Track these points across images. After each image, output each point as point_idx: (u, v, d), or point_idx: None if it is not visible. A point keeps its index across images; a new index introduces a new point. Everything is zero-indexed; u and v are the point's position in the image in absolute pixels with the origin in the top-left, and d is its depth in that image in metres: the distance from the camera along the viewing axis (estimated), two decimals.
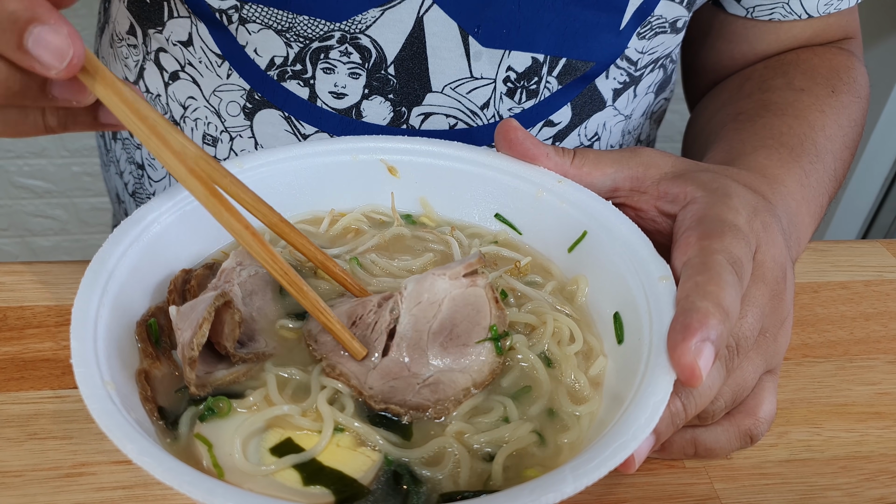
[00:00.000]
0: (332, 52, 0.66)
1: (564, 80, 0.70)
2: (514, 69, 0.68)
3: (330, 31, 0.65)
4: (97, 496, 0.49)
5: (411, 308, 0.48)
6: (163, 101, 0.77)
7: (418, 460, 0.42)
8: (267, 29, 0.66)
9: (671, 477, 0.53)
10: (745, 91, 0.75)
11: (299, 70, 0.68)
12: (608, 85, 0.73)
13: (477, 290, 0.49)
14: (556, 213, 0.55)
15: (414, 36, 0.65)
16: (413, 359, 0.46)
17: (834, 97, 0.71)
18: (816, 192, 0.62)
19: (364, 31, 0.65)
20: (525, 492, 0.35)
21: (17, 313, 0.62)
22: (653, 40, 0.71)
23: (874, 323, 0.68)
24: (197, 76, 0.73)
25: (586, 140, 0.77)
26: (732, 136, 0.67)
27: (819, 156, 0.64)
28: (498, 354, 0.46)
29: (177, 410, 0.44)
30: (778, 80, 0.73)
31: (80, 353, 0.40)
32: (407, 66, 0.67)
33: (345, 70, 0.67)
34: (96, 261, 0.46)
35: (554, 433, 0.44)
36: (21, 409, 0.54)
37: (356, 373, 0.46)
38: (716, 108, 0.77)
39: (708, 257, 0.45)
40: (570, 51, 0.68)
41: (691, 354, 0.40)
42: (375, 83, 0.68)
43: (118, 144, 0.87)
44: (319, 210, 0.59)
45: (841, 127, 0.69)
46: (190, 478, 0.35)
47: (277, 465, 0.41)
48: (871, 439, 0.57)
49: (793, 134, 0.65)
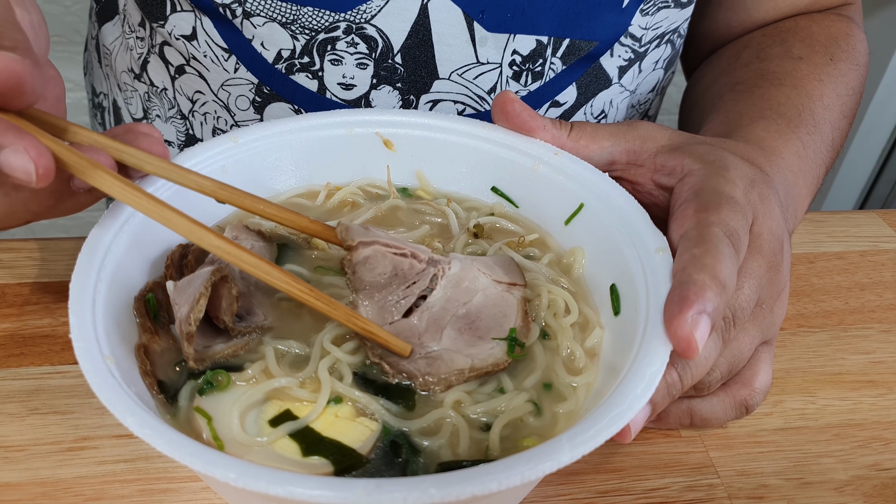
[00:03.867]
0: (339, 43, 0.66)
1: (569, 60, 0.70)
2: (519, 52, 0.68)
3: (335, 22, 0.65)
4: (99, 469, 0.50)
5: (448, 287, 0.48)
6: (169, 94, 0.77)
7: (417, 430, 0.43)
8: (272, 22, 0.65)
9: (667, 446, 0.54)
10: (743, 60, 0.74)
11: (307, 62, 0.68)
12: (613, 63, 0.73)
13: (509, 297, 0.49)
14: (552, 186, 0.55)
15: (419, 24, 0.65)
16: (428, 330, 0.47)
17: (832, 65, 0.70)
18: (813, 164, 0.62)
19: (369, 20, 0.65)
20: (522, 460, 0.35)
21: (15, 290, 0.62)
22: (656, 16, 0.70)
23: (869, 293, 0.69)
24: (203, 70, 0.73)
25: (593, 118, 0.77)
26: (730, 107, 0.67)
27: (817, 126, 0.64)
28: (508, 355, 0.46)
29: (176, 384, 0.44)
30: (776, 49, 0.73)
31: (79, 329, 0.40)
32: (413, 55, 0.67)
33: (352, 61, 0.67)
34: (93, 236, 0.46)
35: (550, 403, 0.45)
36: (22, 384, 0.55)
37: (372, 321, 0.46)
38: (713, 76, 0.77)
39: (704, 230, 0.45)
40: (573, 31, 0.68)
41: (688, 326, 0.41)
42: (383, 72, 0.68)
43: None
44: (315, 184, 0.59)
45: (839, 96, 0.69)
46: (191, 449, 0.35)
47: (275, 434, 0.41)
48: (865, 407, 0.58)
49: (791, 104, 0.64)
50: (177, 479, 0.50)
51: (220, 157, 0.54)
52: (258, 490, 0.34)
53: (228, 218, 0.56)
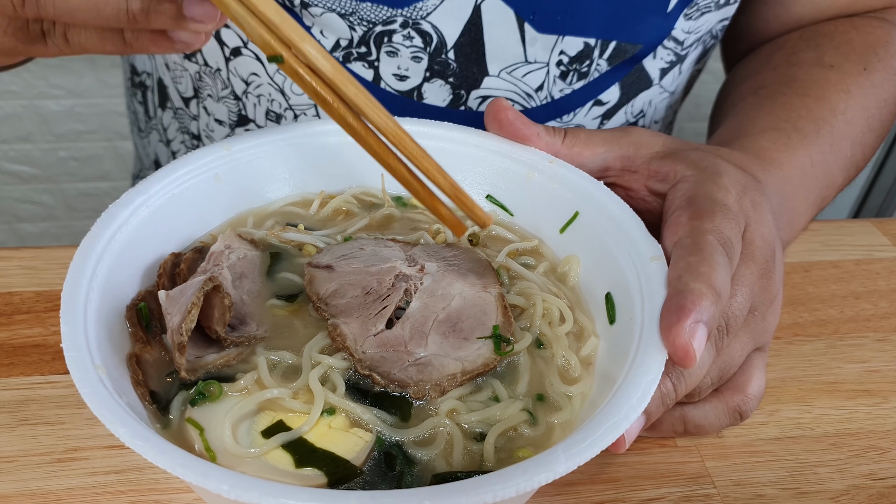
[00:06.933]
0: (395, 35, 0.67)
1: (614, 61, 0.71)
2: (567, 53, 0.69)
3: (392, 17, 0.66)
4: (90, 481, 0.49)
5: (423, 296, 0.49)
6: (223, 75, 0.76)
7: (411, 441, 0.42)
8: (330, 12, 0.66)
9: (663, 456, 0.54)
10: (773, 62, 0.73)
11: (364, 52, 0.69)
12: (655, 65, 0.74)
13: (487, 296, 0.50)
14: (547, 194, 0.55)
15: (472, 23, 0.66)
16: (413, 338, 0.47)
17: (864, 76, 0.69)
18: (821, 183, 0.62)
19: (425, 17, 0.65)
20: (518, 471, 0.35)
21: (4, 299, 0.62)
22: (699, 20, 0.71)
23: (864, 301, 0.69)
24: (260, 54, 0.72)
25: (632, 117, 0.78)
26: (747, 112, 0.66)
27: (834, 144, 0.63)
28: (496, 353, 0.46)
29: (168, 394, 0.44)
30: (808, 54, 0.72)
31: (70, 338, 0.40)
32: (465, 52, 0.68)
33: (408, 53, 0.68)
34: (85, 244, 0.46)
35: (545, 414, 0.44)
36: (12, 394, 0.54)
37: (355, 336, 0.46)
38: (742, 77, 0.76)
39: (699, 237, 0.45)
40: (619, 34, 0.68)
41: (685, 335, 0.41)
42: (437, 66, 0.69)
43: (168, 113, 0.86)
44: (309, 192, 0.59)
45: (866, 109, 0.68)
46: (183, 460, 0.35)
47: (268, 445, 0.41)
48: (860, 416, 0.58)
49: (811, 118, 0.64)
50: (168, 490, 0.49)
51: (214, 165, 0.54)
52: (251, 502, 0.33)
53: (221, 227, 0.55)
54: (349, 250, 0.53)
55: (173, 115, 0.86)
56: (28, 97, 1.75)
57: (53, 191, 1.91)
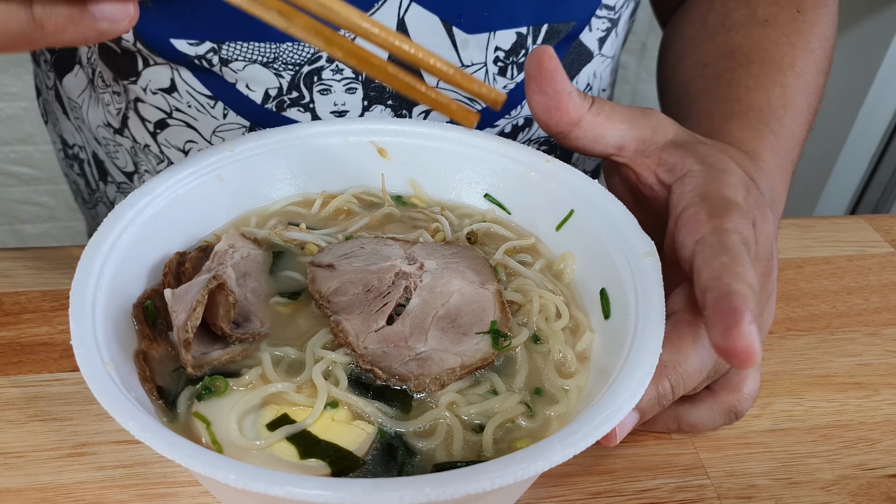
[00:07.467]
0: (325, 72, 0.66)
1: (549, 44, 0.69)
2: (501, 48, 0.68)
3: (317, 53, 0.64)
4: (98, 475, 0.50)
5: (423, 293, 0.50)
6: (154, 150, 0.74)
7: (412, 432, 0.43)
8: (252, 64, 0.65)
9: (658, 448, 0.55)
10: (709, 29, 0.71)
11: (297, 97, 0.68)
12: (593, 36, 0.73)
13: (484, 293, 0.51)
14: (544, 193, 0.56)
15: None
16: (413, 333, 0.48)
17: (800, 18, 0.67)
18: (787, 151, 0.61)
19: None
20: (516, 460, 0.36)
21: (12, 299, 0.63)
22: None
23: (856, 296, 0.70)
24: (190, 120, 0.71)
25: None
26: (701, 103, 0.65)
27: (788, 104, 0.62)
28: (494, 348, 0.47)
29: (175, 390, 0.45)
30: (741, 12, 0.70)
31: (79, 335, 0.41)
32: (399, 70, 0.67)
33: (341, 87, 0.67)
34: (92, 244, 0.47)
35: (543, 407, 0.46)
36: (21, 392, 0.55)
37: (357, 332, 0.47)
38: (681, 50, 0.74)
39: (724, 237, 0.44)
40: (549, 16, 0.68)
41: (747, 336, 0.39)
42: (373, 93, 0.68)
43: (111, 187, 0.84)
44: (311, 192, 0.60)
45: (811, 52, 0.66)
46: (191, 452, 0.36)
47: (273, 437, 0.42)
48: (851, 408, 0.59)
49: (759, 87, 0.62)
50: (175, 483, 0.50)
51: (217, 165, 0.55)
52: (258, 490, 0.34)
53: (225, 226, 0.56)
54: (350, 249, 0.54)
55: (117, 189, 0.83)
56: (29, 99, 1.76)
57: (54, 192, 1.92)
